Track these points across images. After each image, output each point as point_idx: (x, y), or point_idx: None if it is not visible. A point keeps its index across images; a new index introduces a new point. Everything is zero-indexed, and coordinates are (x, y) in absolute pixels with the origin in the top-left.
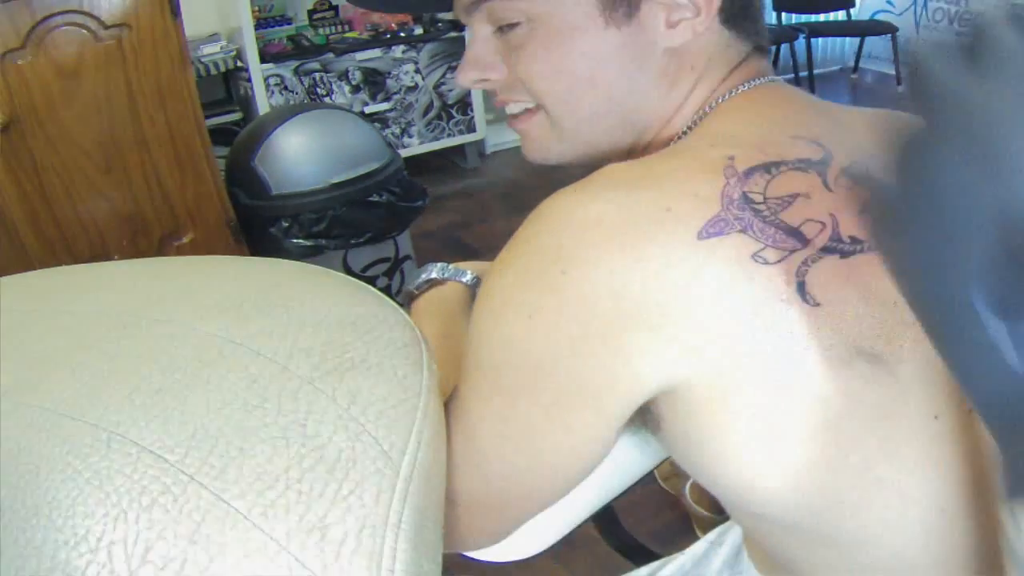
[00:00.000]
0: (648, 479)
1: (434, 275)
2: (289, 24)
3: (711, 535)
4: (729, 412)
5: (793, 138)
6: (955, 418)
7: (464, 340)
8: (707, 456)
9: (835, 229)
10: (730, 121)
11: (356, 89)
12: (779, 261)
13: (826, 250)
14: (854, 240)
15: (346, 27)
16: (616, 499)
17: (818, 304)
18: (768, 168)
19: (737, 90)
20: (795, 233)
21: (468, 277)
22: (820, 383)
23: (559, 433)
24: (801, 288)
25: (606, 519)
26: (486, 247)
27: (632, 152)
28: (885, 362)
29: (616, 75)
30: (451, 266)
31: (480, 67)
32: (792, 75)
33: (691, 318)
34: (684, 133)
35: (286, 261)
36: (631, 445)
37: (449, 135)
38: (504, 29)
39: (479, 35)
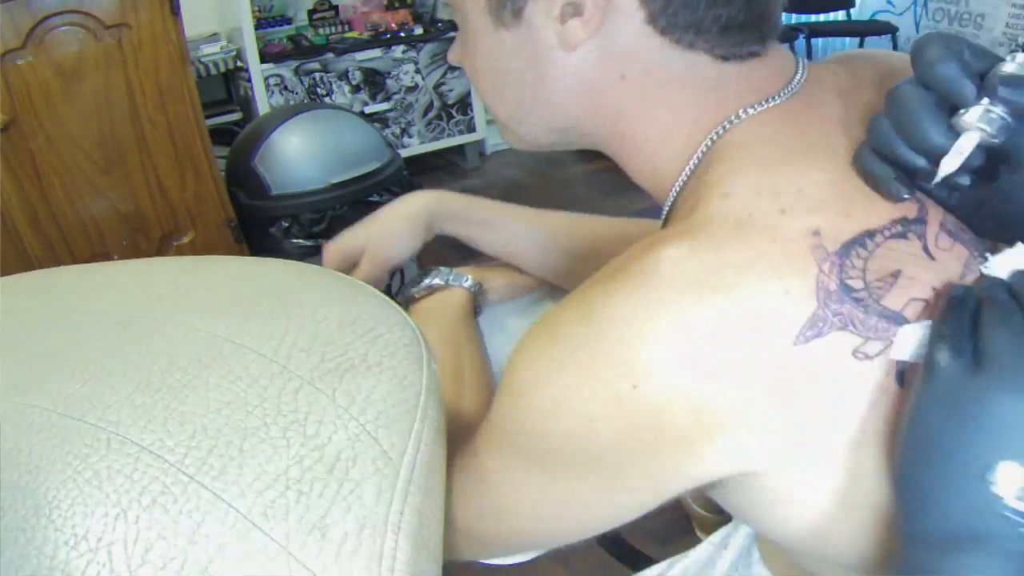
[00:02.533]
0: None
1: (437, 281)
2: (289, 24)
3: (714, 537)
4: (808, 490)
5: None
6: None
7: (465, 348)
8: (775, 518)
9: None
10: (776, 163)
11: (356, 89)
12: (880, 353)
13: None
14: None
15: (346, 27)
16: None
17: (911, 384)
18: (863, 242)
19: (740, 116)
20: (897, 318)
21: (468, 282)
22: None
23: (604, 508)
24: (900, 376)
25: None
26: None
27: (611, 155)
28: None
29: (516, 81)
30: (453, 272)
31: (456, 51)
32: None
33: (779, 420)
34: (693, 168)
35: (286, 261)
36: None
37: (449, 135)
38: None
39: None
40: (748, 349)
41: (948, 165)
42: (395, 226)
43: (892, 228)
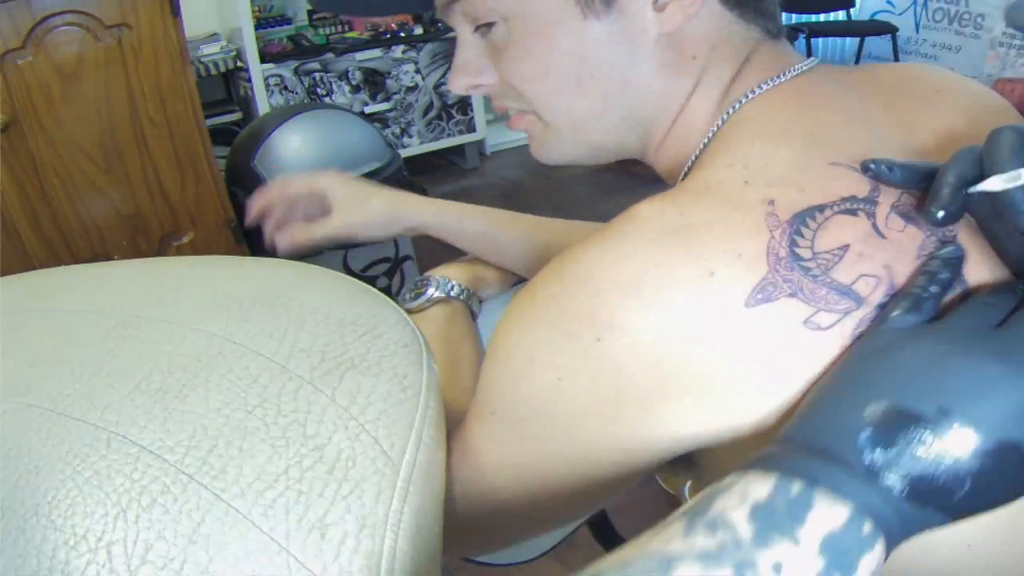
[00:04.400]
0: (647, 478)
1: (437, 294)
2: (289, 24)
3: None
4: None
5: (832, 165)
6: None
7: (460, 348)
8: None
9: (891, 282)
10: (758, 140)
11: (356, 89)
12: (832, 325)
13: (882, 307)
14: None
15: (346, 27)
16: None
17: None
18: (812, 214)
19: (755, 91)
20: (848, 292)
21: (465, 295)
22: None
23: (581, 481)
24: None
25: (598, 521)
26: None
27: (644, 152)
28: None
29: (606, 71)
30: (452, 283)
31: (470, 72)
32: None
33: (737, 386)
34: (704, 145)
35: (286, 261)
36: None
37: (449, 135)
38: (483, 30)
39: (463, 37)
40: (703, 306)
41: (996, 183)
42: (373, 219)
43: (841, 204)
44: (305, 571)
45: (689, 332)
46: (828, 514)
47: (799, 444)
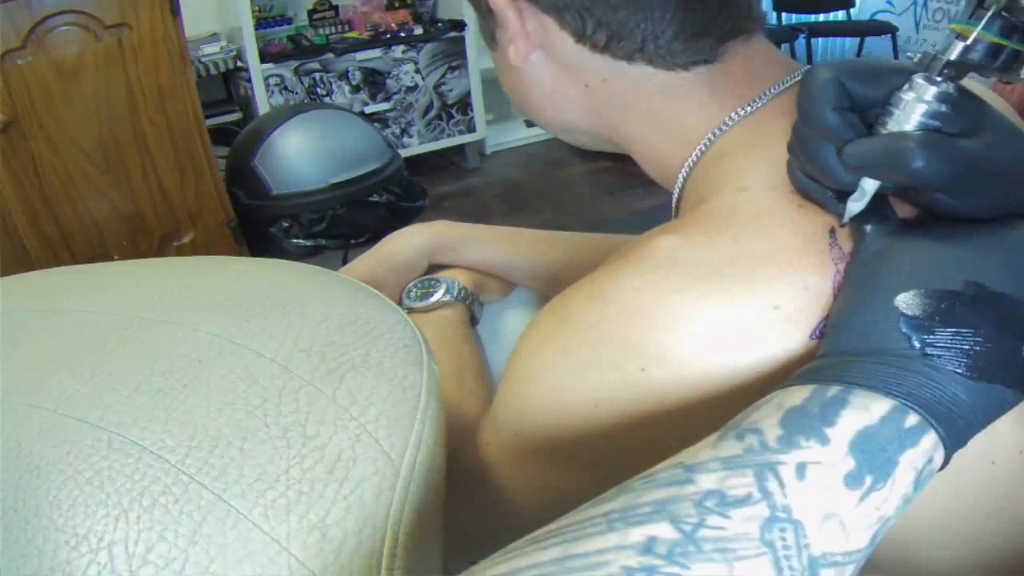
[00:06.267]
0: None
1: (446, 298)
2: (289, 24)
3: None
4: None
5: None
6: (1011, 463)
7: (464, 351)
8: None
9: None
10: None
11: (356, 89)
12: None
13: None
14: None
15: (346, 27)
16: None
17: None
18: None
19: (744, 111)
20: None
21: (470, 299)
22: None
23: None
24: None
25: None
26: None
27: (619, 146)
28: None
29: (514, 89)
30: (456, 284)
31: None
32: None
33: None
34: (699, 156)
35: (286, 261)
36: None
37: (449, 135)
38: None
39: None
40: (765, 339)
41: (854, 207)
42: (393, 275)
43: None
44: (305, 571)
45: (748, 365)
46: (864, 411)
47: (836, 355)
